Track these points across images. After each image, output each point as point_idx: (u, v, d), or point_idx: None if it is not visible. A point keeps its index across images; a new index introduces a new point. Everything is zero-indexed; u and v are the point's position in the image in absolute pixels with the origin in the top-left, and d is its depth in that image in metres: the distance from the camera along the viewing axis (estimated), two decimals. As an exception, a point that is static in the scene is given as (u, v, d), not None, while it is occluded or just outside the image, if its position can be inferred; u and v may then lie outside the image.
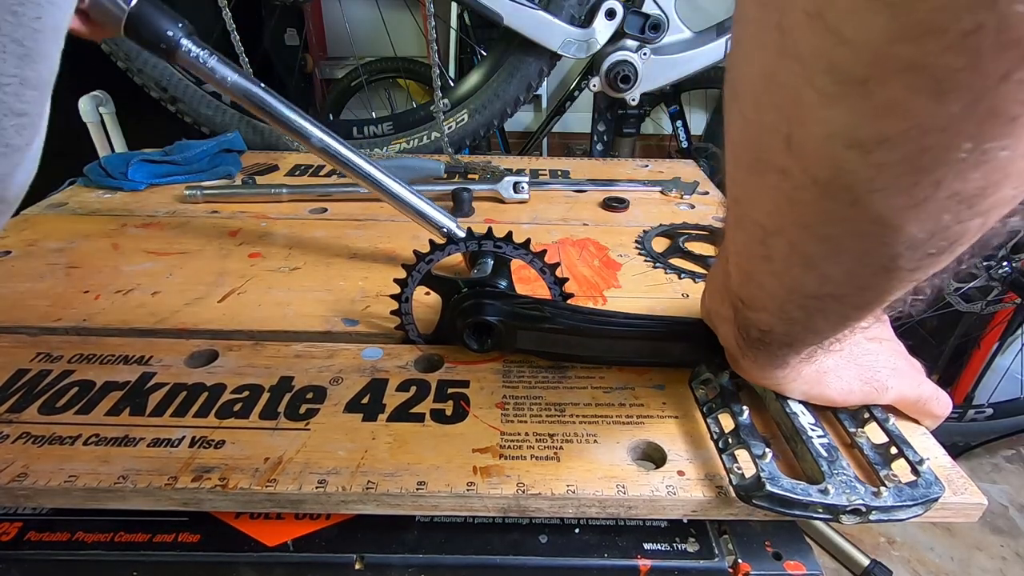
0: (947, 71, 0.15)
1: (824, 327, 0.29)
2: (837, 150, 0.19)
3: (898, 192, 0.19)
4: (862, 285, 0.25)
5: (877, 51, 0.16)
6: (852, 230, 0.22)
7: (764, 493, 0.32)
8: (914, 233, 0.20)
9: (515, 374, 0.44)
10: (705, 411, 0.39)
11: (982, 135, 0.16)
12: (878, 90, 0.17)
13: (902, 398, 0.38)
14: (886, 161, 0.18)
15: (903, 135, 0.17)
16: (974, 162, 0.17)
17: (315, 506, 0.35)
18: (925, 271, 0.23)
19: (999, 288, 1.04)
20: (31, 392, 0.41)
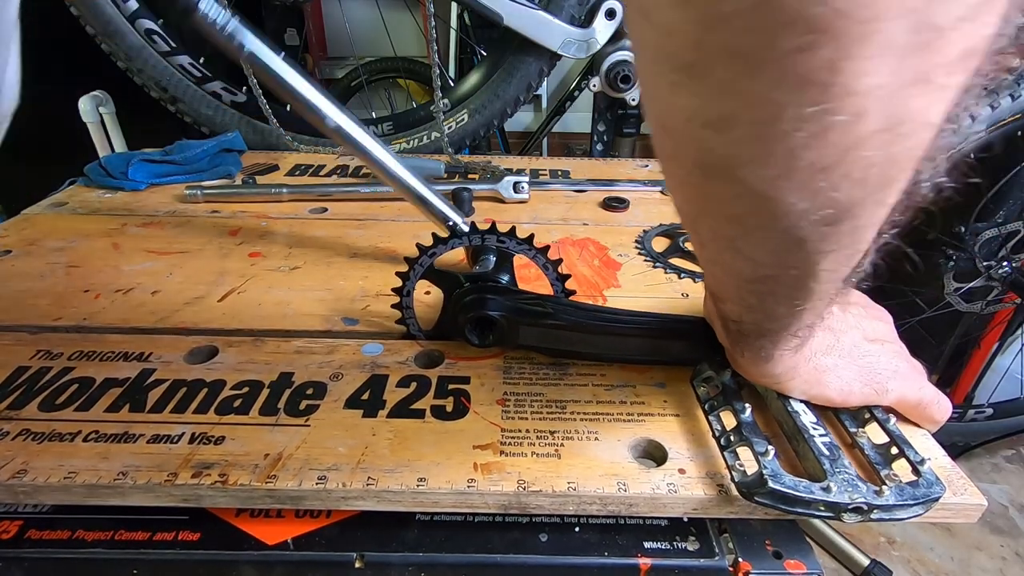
0: (751, 49, 0.17)
1: (781, 312, 0.30)
2: (696, 131, 0.21)
3: (761, 164, 0.21)
4: (787, 263, 0.26)
5: (695, 39, 0.18)
6: (744, 207, 0.23)
7: (767, 490, 0.32)
8: (794, 203, 0.22)
9: (516, 370, 0.44)
10: (707, 409, 0.39)
11: (801, 102, 0.18)
12: (706, 73, 0.19)
13: (903, 400, 0.38)
14: (738, 137, 0.20)
15: (740, 111, 0.19)
16: (814, 129, 0.19)
17: (315, 502, 0.35)
18: (836, 242, 0.24)
19: (999, 288, 1.04)
20: (31, 389, 0.40)
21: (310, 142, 0.97)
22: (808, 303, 0.29)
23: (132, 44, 0.86)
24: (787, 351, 0.33)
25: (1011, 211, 1.11)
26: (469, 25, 1.72)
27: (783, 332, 0.32)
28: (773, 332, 0.32)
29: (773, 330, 0.32)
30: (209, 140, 0.85)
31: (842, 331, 0.36)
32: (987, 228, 0.99)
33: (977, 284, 1.03)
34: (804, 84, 0.18)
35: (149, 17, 0.86)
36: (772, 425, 0.39)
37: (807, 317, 0.30)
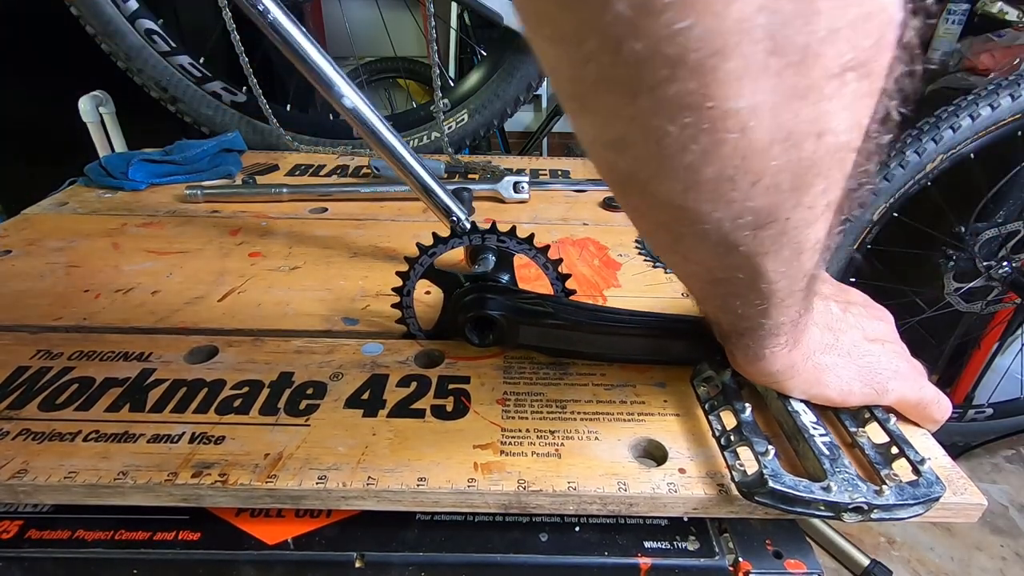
0: (623, 82, 0.19)
1: (749, 313, 0.31)
2: (600, 151, 0.23)
3: (665, 179, 0.22)
4: (730, 267, 0.27)
5: (571, 74, 0.20)
6: (665, 216, 0.25)
7: (767, 490, 0.32)
8: (709, 212, 0.23)
9: (516, 370, 0.44)
10: (707, 408, 0.39)
11: (684, 124, 0.19)
12: (590, 102, 0.21)
13: (903, 400, 0.38)
14: (635, 156, 0.22)
15: (630, 134, 0.21)
16: (704, 146, 0.20)
17: (315, 502, 0.35)
18: (771, 245, 0.25)
19: (999, 288, 1.04)
20: (31, 389, 0.40)
21: (310, 142, 0.97)
22: (770, 303, 0.29)
23: (132, 44, 0.86)
24: (778, 350, 0.34)
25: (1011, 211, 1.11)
26: (469, 25, 1.72)
27: (760, 331, 0.32)
28: (751, 331, 0.33)
29: (750, 328, 0.33)
30: (209, 140, 0.85)
31: (841, 330, 0.36)
32: (987, 228, 0.99)
33: (977, 284, 1.03)
34: (680, 109, 0.19)
35: (149, 17, 0.86)
36: (772, 425, 0.39)
37: (777, 315, 0.31)
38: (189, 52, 0.90)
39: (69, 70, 1.07)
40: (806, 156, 0.21)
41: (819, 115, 0.20)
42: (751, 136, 0.20)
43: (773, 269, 0.26)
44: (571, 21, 0.18)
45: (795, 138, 0.20)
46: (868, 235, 0.94)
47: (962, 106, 0.87)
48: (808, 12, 0.17)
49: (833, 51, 0.18)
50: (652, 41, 0.17)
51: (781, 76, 0.18)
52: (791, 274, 0.27)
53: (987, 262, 1.01)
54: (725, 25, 0.17)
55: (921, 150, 0.88)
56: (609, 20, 0.17)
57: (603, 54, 0.18)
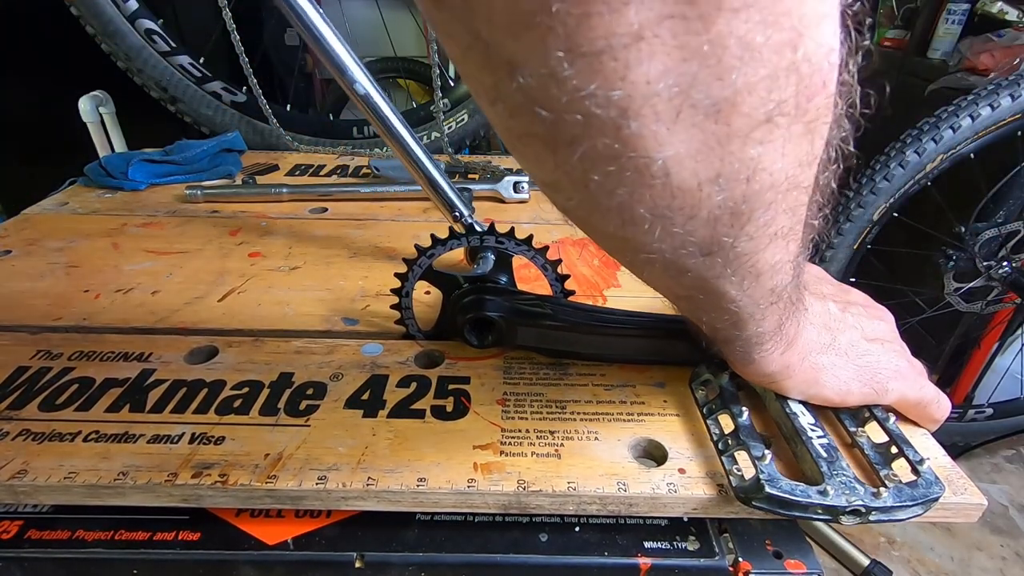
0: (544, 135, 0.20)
1: (724, 324, 0.31)
2: (543, 190, 0.24)
3: (602, 217, 0.23)
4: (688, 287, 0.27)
5: (502, 124, 0.21)
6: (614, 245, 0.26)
7: (763, 495, 0.32)
8: (651, 243, 0.23)
9: (516, 371, 0.44)
10: (705, 412, 0.39)
11: (606, 172, 0.20)
12: (522, 150, 0.22)
13: (902, 400, 0.38)
14: (569, 197, 0.23)
15: (558, 178, 0.22)
16: (632, 190, 0.21)
17: (315, 502, 0.35)
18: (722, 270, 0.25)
19: (999, 288, 1.04)
20: (31, 389, 0.40)
21: (310, 142, 0.97)
22: (738, 318, 0.30)
23: (132, 44, 0.86)
24: (768, 354, 0.34)
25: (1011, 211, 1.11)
26: (469, 25, 1.72)
27: (739, 341, 0.32)
28: (731, 340, 0.33)
29: (728, 339, 0.33)
30: (209, 140, 0.85)
31: (840, 330, 0.36)
32: (987, 228, 0.99)
33: (977, 284, 1.03)
34: (599, 161, 0.20)
35: (149, 17, 0.86)
36: (771, 426, 0.39)
37: (752, 327, 0.31)
38: (189, 52, 0.91)
39: (69, 70, 1.07)
40: (739, 194, 0.21)
41: (748, 158, 0.20)
42: (677, 180, 0.20)
43: (730, 290, 0.27)
44: (489, 84, 0.19)
45: (724, 180, 0.21)
46: (868, 235, 0.94)
47: (962, 106, 0.87)
48: (718, 71, 0.17)
49: (752, 102, 0.19)
50: (558, 107, 0.18)
51: (699, 127, 0.19)
52: (752, 294, 0.28)
53: (987, 262, 1.01)
54: (630, 90, 0.17)
55: (921, 150, 0.88)
56: (517, 88, 0.18)
57: (521, 114, 0.19)
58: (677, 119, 0.18)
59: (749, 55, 0.17)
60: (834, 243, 0.94)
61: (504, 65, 0.18)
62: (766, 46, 0.18)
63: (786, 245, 0.26)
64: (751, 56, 0.17)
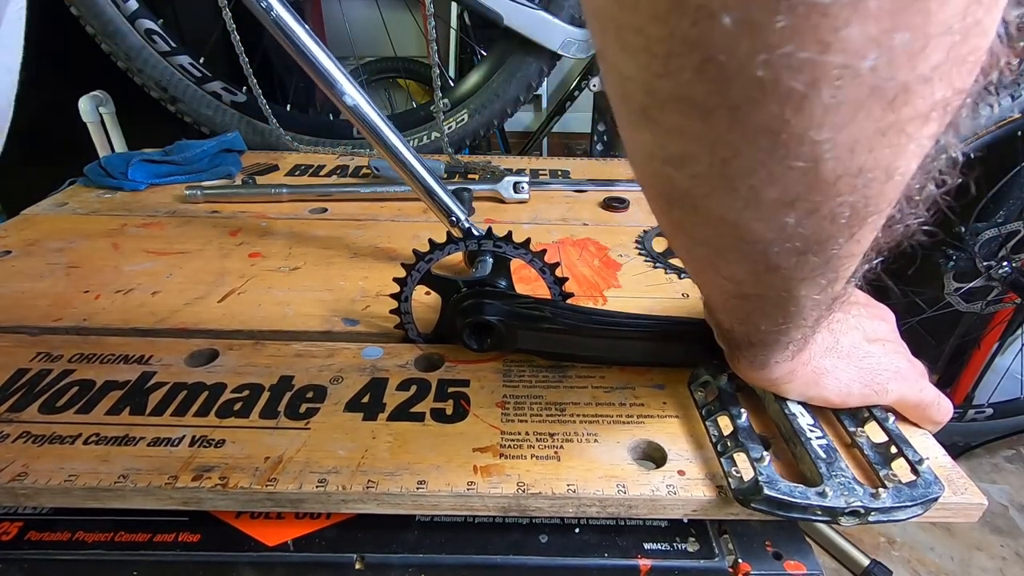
0: (701, 98, 0.18)
1: (767, 328, 0.30)
2: (657, 167, 0.22)
3: (723, 196, 0.21)
4: (764, 285, 0.26)
5: (646, 86, 0.19)
6: (712, 232, 0.24)
7: (762, 497, 0.32)
8: (762, 232, 0.22)
9: (515, 373, 0.44)
10: (704, 414, 0.39)
11: (756, 147, 0.18)
12: (660, 116, 0.20)
13: (903, 401, 0.38)
14: (697, 173, 0.21)
15: (696, 151, 0.20)
16: (773, 171, 0.19)
17: (315, 505, 0.35)
18: (811, 271, 0.24)
19: (999, 288, 1.04)
20: (31, 391, 0.41)
21: (310, 142, 0.97)
22: (792, 322, 0.29)
23: (132, 44, 0.86)
24: (783, 360, 0.34)
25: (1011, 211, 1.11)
26: (469, 25, 1.72)
27: (773, 344, 0.32)
28: (763, 344, 0.33)
29: (763, 342, 0.33)
30: (209, 140, 0.85)
31: (842, 332, 0.36)
32: (987, 228, 0.99)
33: (977, 284, 1.03)
34: (756, 132, 0.18)
35: (149, 17, 0.86)
36: (770, 427, 0.39)
37: (795, 333, 0.31)
38: (189, 52, 0.90)
39: (69, 70, 1.07)
40: (873, 194, 0.20)
41: (896, 156, 0.19)
42: (821, 168, 0.19)
43: (807, 294, 0.26)
44: (661, 33, 0.17)
45: (867, 176, 0.19)
46: (868, 235, 0.94)
47: (962, 106, 0.87)
48: (918, 49, 0.16)
49: (928, 90, 0.17)
50: (749, 63, 0.16)
51: (870, 113, 0.17)
52: (823, 299, 0.27)
53: (987, 262, 1.01)
54: (831, 58, 0.16)
55: (921, 150, 0.88)
56: (705, 35, 0.16)
57: (687, 69, 0.17)
58: (859, 99, 0.17)
59: (947, 32, 0.16)
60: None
61: (700, 8, 0.16)
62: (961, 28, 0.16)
63: (864, 248, 0.25)
64: (949, 34, 0.16)
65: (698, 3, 0.16)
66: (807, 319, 0.29)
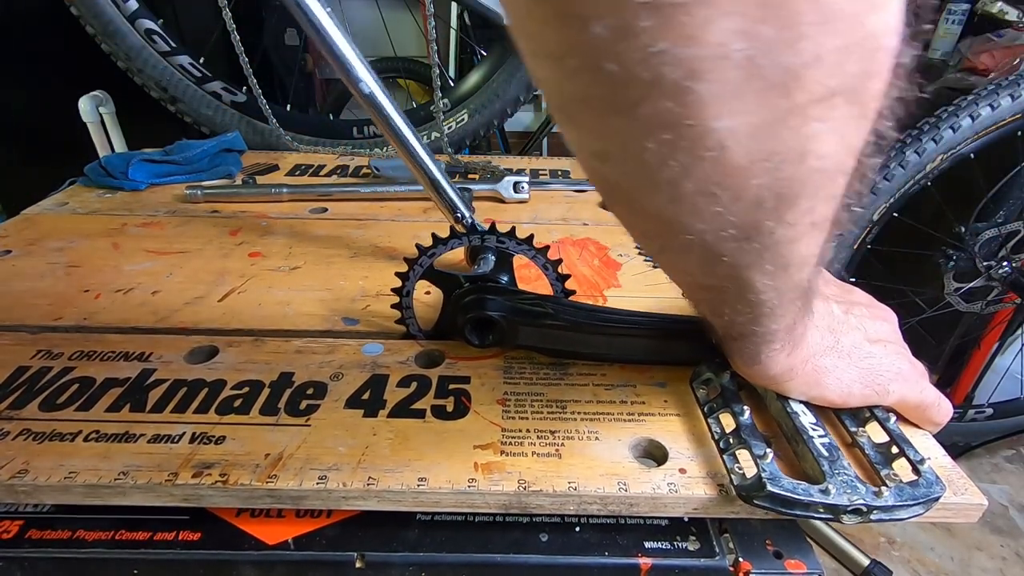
0: (602, 99, 0.19)
1: (740, 321, 0.31)
2: (587, 161, 0.24)
3: (648, 192, 0.23)
4: (716, 276, 0.27)
5: (558, 88, 0.21)
6: (651, 226, 0.26)
7: (765, 493, 0.32)
8: (692, 223, 0.23)
9: (516, 370, 0.44)
10: (706, 411, 0.39)
11: (662, 141, 0.20)
12: (574, 115, 0.22)
13: (903, 402, 0.38)
14: (618, 168, 0.23)
15: (611, 147, 0.22)
16: (684, 162, 0.20)
17: (316, 502, 0.35)
18: (757, 257, 0.25)
19: (999, 288, 1.04)
20: (32, 389, 0.40)
21: (310, 142, 0.97)
22: (759, 312, 0.29)
23: (132, 44, 0.86)
24: (775, 354, 0.34)
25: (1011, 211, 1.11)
26: (469, 25, 1.72)
27: (753, 337, 0.32)
28: (743, 336, 0.33)
29: (742, 334, 0.33)
30: (209, 140, 0.85)
31: (843, 332, 0.36)
32: (987, 228, 0.99)
33: (977, 284, 1.03)
34: (658, 127, 0.19)
35: (149, 17, 0.86)
36: (772, 426, 0.39)
37: (770, 324, 0.31)
38: (189, 52, 0.90)
39: (69, 70, 1.07)
40: (788, 176, 0.21)
41: (803, 138, 0.20)
42: (730, 155, 0.20)
43: (760, 281, 0.27)
44: (554, 40, 0.19)
45: (777, 159, 0.20)
46: (868, 235, 0.94)
47: (962, 106, 0.87)
48: (791, 38, 0.17)
49: (818, 76, 0.18)
50: (628, 63, 0.18)
51: (762, 99, 0.18)
52: (779, 287, 0.27)
53: (987, 262, 1.01)
54: (701, 51, 0.17)
55: (921, 150, 0.88)
56: (587, 41, 0.18)
57: (583, 72, 0.19)
58: (743, 86, 0.18)
59: (824, 23, 0.17)
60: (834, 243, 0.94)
61: (576, 17, 0.17)
62: (841, 15, 0.17)
63: (819, 237, 0.25)
64: (826, 24, 0.17)
65: (576, 13, 0.17)
66: (776, 310, 0.29)
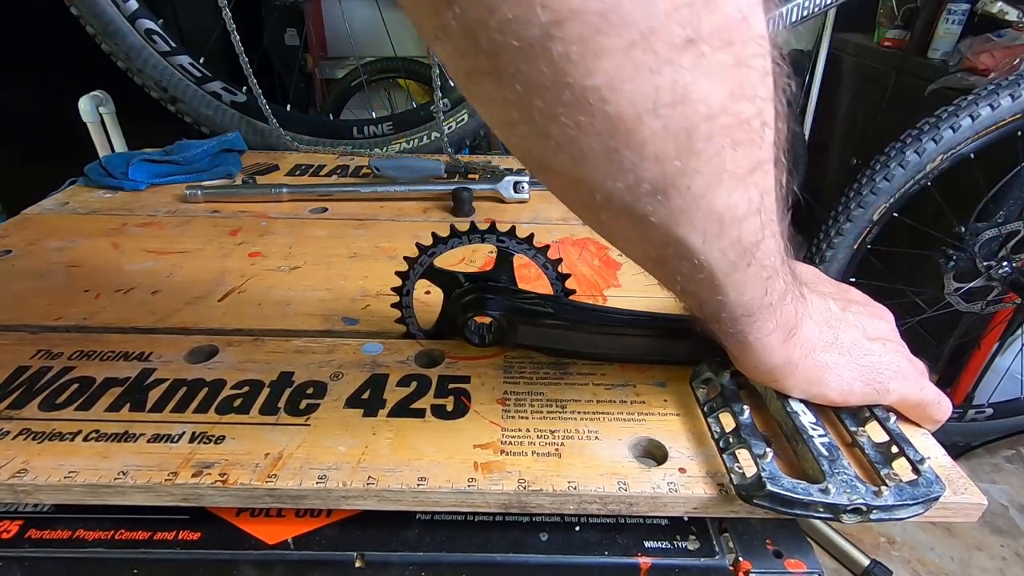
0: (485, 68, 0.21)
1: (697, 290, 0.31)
2: (498, 129, 0.25)
3: (556, 154, 0.24)
4: (652, 240, 0.28)
5: (452, 63, 0.22)
6: (577, 193, 0.27)
7: (765, 493, 0.32)
8: (605, 181, 0.24)
9: (516, 370, 0.44)
10: (706, 410, 0.39)
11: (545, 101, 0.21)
12: (471, 88, 0.23)
13: (903, 400, 0.38)
14: (522, 133, 0.24)
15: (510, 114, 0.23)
16: (575, 120, 0.22)
17: (316, 501, 0.35)
18: (682, 215, 0.26)
19: (999, 288, 1.04)
20: (32, 389, 0.40)
21: (310, 142, 0.97)
22: (715, 281, 0.29)
23: (132, 44, 0.86)
24: (768, 338, 0.33)
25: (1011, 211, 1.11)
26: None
27: (728, 312, 0.32)
28: (721, 318, 0.33)
29: (718, 307, 0.32)
30: (209, 140, 0.85)
31: (841, 329, 0.36)
32: (987, 228, 0.99)
33: (977, 284, 1.03)
34: (538, 88, 0.21)
35: (149, 17, 0.86)
36: (772, 425, 0.39)
37: (733, 294, 0.31)
38: (189, 52, 0.90)
39: (69, 70, 1.07)
40: (678, 123, 0.22)
41: (679, 85, 0.21)
42: (616, 108, 0.21)
43: (696, 241, 0.27)
44: (432, 22, 0.21)
45: (661, 108, 0.22)
46: (868, 235, 0.94)
47: (962, 106, 0.87)
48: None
49: (672, 27, 0.20)
50: (495, 34, 0.19)
51: (625, 53, 0.20)
52: (718, 244, 0.28)
53: (987, 262, 1.01)
54: (552, 14, 0.19)
55: (921, 150, 0.88)
56: (455, 20, 0.20)
57: (465, 51, 0.21)
58: (602, 43, 0.19)
59: None
60: (834, 243, 0.94)
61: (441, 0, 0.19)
62: None
63: (745, 189, 0.26)
64: None
65: None
66: (732, 276, 0.29)
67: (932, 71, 1.43)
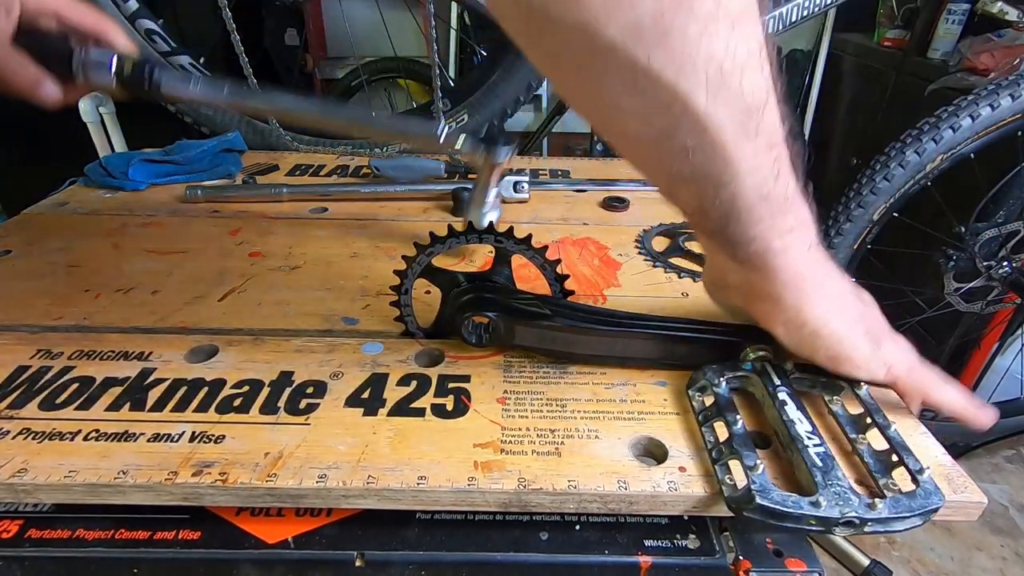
0: None
1: (699, 155, 0.31)
2: None
3: None
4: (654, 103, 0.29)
5: None
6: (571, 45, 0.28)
7: (754, 506, 0.31)
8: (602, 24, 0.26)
9: (516, 369, 0.44)
10: (700, 420, 0.39)
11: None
12: None
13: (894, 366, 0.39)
14: None
15: None
16: None
17: (316, 501, 0.35)
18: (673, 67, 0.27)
19: (999, 288, 1.04)
20: (32, 388, 0.41)
21: (310, 142, 0.97)
22: (723, 144, 0.29)
23: (132, 43, 0.86)
24: (791, 236, 0.34)
25: (1011, 211, 1.11)
26: (469, 25, 1.72)
27: (741, 198, 0.32)
28: (727, 215, 0.33)
29: (730, 205, 0.32)
30: (209, 140, 0.85)
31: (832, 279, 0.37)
32: (987, 228, 0.99)
33: (977, 284, 1.03)
34: None
35: (149, 17, 0.86)
36: (768, 432, 0.39)
37: (744, 164, 0.31)
38: (189, 52, 0.90)
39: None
40: None
41: None
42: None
43: (701, 98, 0.28)
44: None
45: None
46: (868, 235, 0.94)
47: (962, 106, 0.87)
48: None
49: None
50: None
51: None
52: (725, 99, 0.28)
53: (987, 262, 1.01)
54: None
55: (921, 150, 0.88)
56: None
57: None
58: None
59: None
60: (834, 243, 0.94)
61: None
62: None
63: (744, 37, 0.27)
64: None
65: None
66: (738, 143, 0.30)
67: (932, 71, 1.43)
